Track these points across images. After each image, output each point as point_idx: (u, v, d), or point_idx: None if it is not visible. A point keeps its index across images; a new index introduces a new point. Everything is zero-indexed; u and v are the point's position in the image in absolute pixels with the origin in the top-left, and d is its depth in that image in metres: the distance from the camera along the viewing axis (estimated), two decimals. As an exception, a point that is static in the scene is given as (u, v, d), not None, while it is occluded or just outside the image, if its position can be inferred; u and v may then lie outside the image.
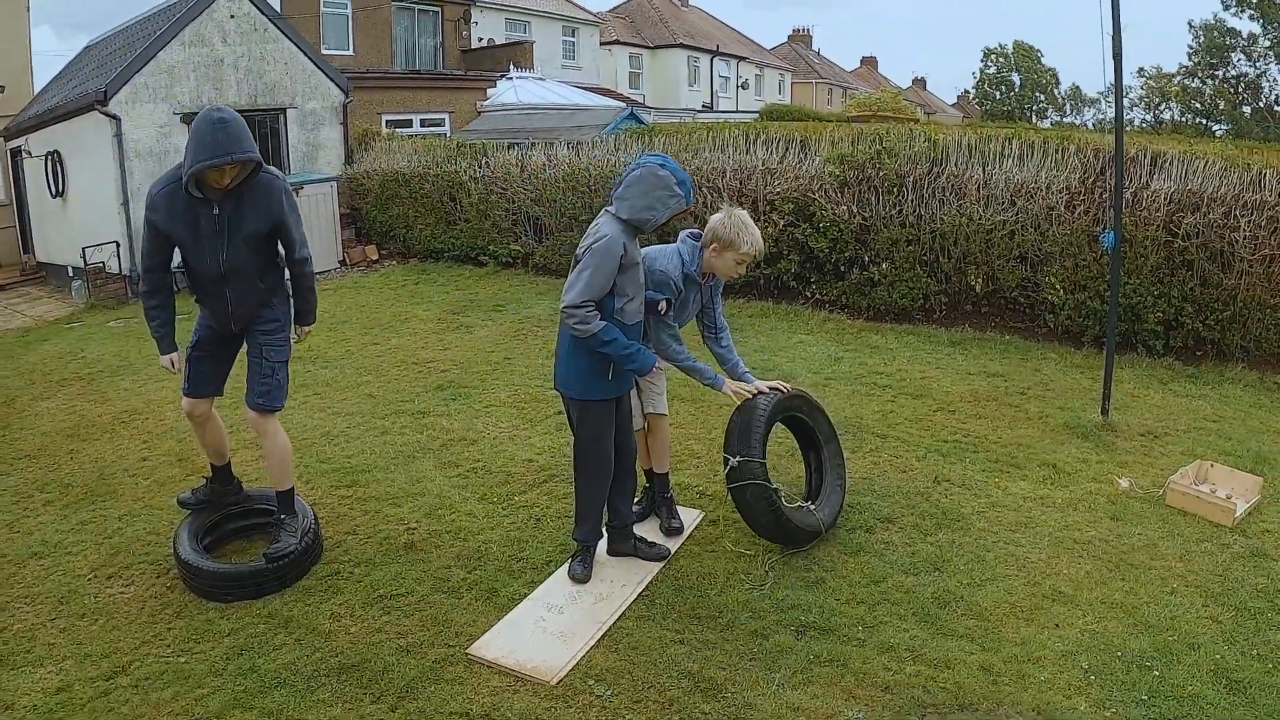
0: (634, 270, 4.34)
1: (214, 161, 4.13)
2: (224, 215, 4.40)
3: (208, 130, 4.15)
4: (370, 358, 9.12)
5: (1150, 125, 49.31)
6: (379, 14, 24.45)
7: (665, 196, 4.24)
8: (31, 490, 6.22)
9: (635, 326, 4.45)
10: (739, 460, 4.69)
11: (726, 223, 4.62)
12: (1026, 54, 70.16)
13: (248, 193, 4.42)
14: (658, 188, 4.24)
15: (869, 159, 9.88)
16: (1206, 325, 8.04)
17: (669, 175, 4.25)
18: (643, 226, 4.29)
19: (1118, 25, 6.00)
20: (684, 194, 4.29)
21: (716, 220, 4.66)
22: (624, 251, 4.23)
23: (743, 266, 4.77)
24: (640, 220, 4.27)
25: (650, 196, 4.24)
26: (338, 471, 6.22)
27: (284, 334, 4.88)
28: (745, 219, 4.65)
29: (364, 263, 15.38)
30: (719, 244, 4.65)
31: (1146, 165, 8.39)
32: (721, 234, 4.63)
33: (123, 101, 13.95)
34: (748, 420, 4.79)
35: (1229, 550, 4.87)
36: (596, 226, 4.34)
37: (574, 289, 4.22)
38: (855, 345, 9.03)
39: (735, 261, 4.70)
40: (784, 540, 4.82)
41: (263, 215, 4.51)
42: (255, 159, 4.28)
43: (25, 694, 3.90)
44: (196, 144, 4.16)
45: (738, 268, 4.75)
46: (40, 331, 12.23)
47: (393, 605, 4.50)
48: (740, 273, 4.84)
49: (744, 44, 47.45)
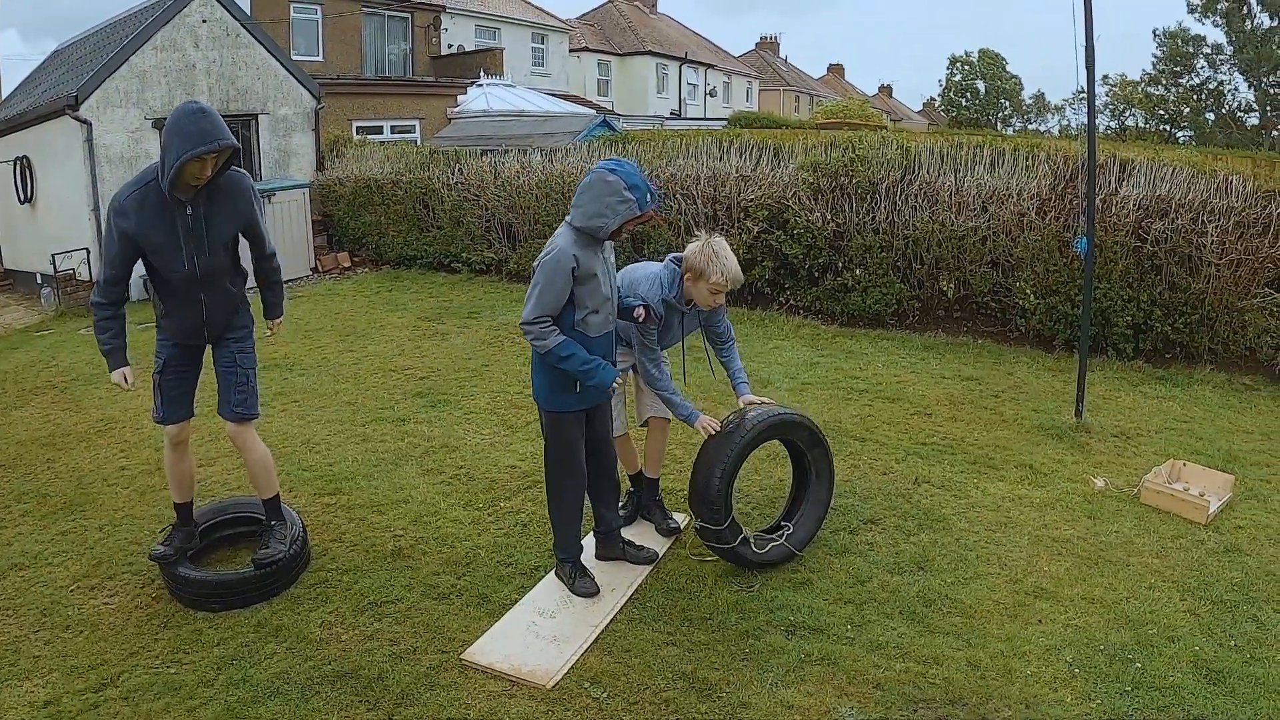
0: (592, 282, 4.24)
1: (204, 149, 4.03)
2: (198, 216, 4.30)
3: (190, 120, 4.07)
4: (347, 365, 9.10)
5: (1115, 131, 49.92)
6: (349, 20, 24.39)
7: (615, 203, 4.15)
8: (8, 500, 6.15)
9: (602, 339, 4.39)
10: (699, 525, 4.67)
11: (699, 252, 4.60)
12: (992, 61, 70.85)
13: (217, 191, 4.35)
14: (607, 194, 4.16)
15: (842, 166, 9.97)
16: (1175, 328, 8.19)
17: (618, 180, 4.16)
18: (596, 234, 4.21)
19: (1090, 35, 6.12)
20: (636, 199, 4.16)
21: (691, 250, 4.65)
22: (575, 264, 4.15)
23: (719, 295, 4.71)
24: (593, 228, 4.19)
25: (600, 203, 4.17)
26: (320, 479, 6.21)
27: (253, 340, 4.82)
28: (719, 248, 4.61)
29: (336, 270, 15.32)
30: (692, 273, 4.65)
31: (1116, 172, 8.54)
32: (694, 263, 4.62)
33: (94, 106, 13.83)
34: (706, 478, 4.59)
35: (1204, 546, 4.98)
36: (552, 238, 4.30)
37: (528, 304, 4.21)
38: (830, 350, 9.12)
39: (709, 291, 4.65)
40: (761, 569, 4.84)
41: (234, 214, 4.46)
42: (237, 146, 4.24)
43: (12, 708, 3.87)
44: (181, 136, 4.04)
45: (713, 297, 4.69)
46: (10, 339, 12.08)
47: (383, 612, 4.50)
48: (718, 302, 4.76)
49: (712, 51, 47.64)
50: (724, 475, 4.54)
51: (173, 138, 4.07)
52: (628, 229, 4.29)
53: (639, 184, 4.19)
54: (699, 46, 46.16)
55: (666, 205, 11.09)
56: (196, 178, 4.20)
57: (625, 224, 4.21)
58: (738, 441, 4.59)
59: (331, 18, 23.88)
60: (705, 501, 4.56)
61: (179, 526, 4.87)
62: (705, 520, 4.59)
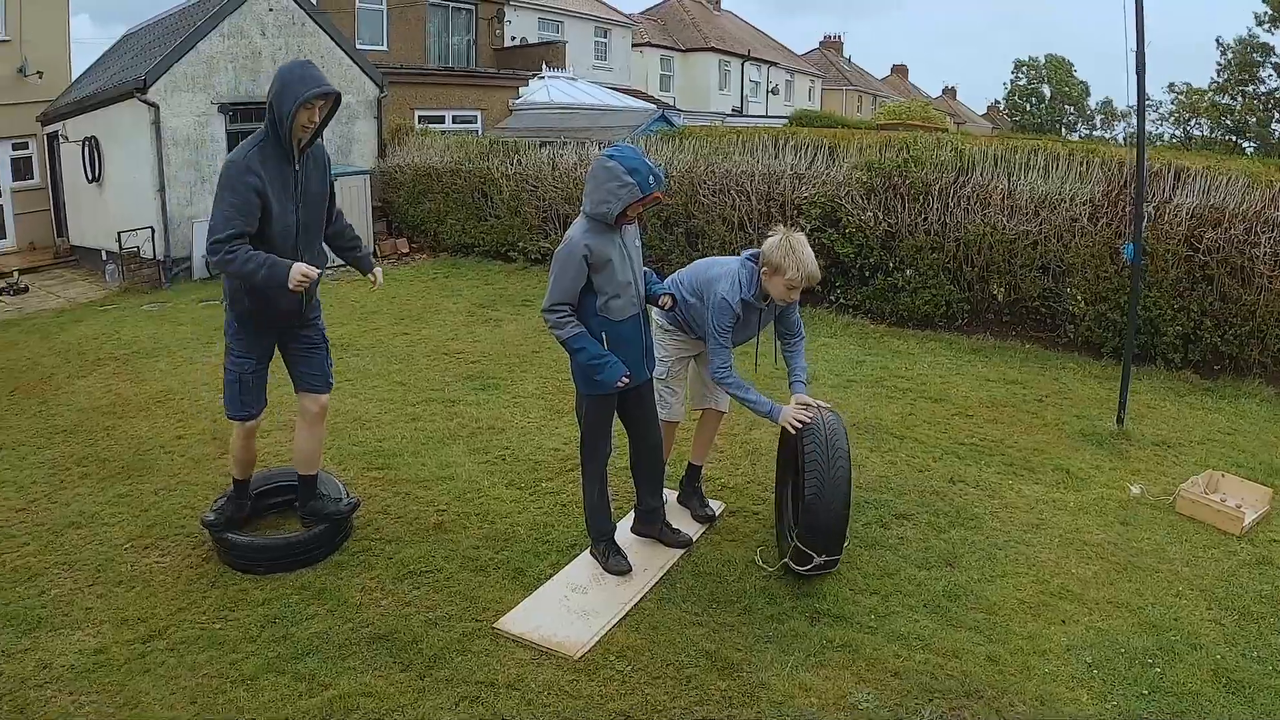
0: (608, 268, 4.34)
1: (315, 91, 4.27)
2: (303, 173, 4.51)
3: (300, 68, 4.34)
4: (401, 347, 9.31)
5: (1180, 141, 49.06)
6: (413, 11, 24.67)
7: (615, 187, 4.22)
8: (69, 464, 6.44)
9: (628, 323, 4.48)
10: (826, 559, 4.46)
11: (777, 247, 4.61)
12: (1058, 66, 69.92)
13: (308, 157, 4.56)
14: (607, 180, 4.24)
15: (896, 167, 10.00)
16: (1225, 340, 8.11)
17: (616, 166, 4.23)
18: (604, 219, 4.30)
19: (1141, 42, 6.11)
20: (637, 182, 4.21)
21: (769, 245, 4.65)
22: (587, 251, 4.27)
23: (795, 291, 4.70)
24: (600, 214, 4.29)
25: (602, 190, 4.26)
26: (369, 454, 6.40)
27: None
28: (797, 244, 4.61)
29: (395, 255, 15.59)
30: (769, 268, 4.65)
31: (1170, 180, 8.47)
32: (772, 258, 4.62)
33: (161, 90, 14.22)
34: (835, 515, 4.37)
35: (1235, 557, 4.97)
36: (569, 228, 4.45)
37: (547, 293, 4.38)
38: (878, 349, 9.16)
39: (785, 286, 4.65)
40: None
41: (323, 178, 4.69)
42: (339, 93, 4.51)
43: (62, 654, 4.09)
44: (296, 81, 4.27)
45: (789, 292, 4.70)
46: (74, 313, 12.49)
47: (422, 581, 4.67)
48: (793, 297, 4.77)
49: (775, 49, 47.51)
50: (849, 505, 4.48)
51: (284, 88, 4.27)
52: (633, 211, 4.33)
53: (638, 167, 4.25)
54: (762, 44, 46.06)
55: (721, 201, 11.17)
56: (305, 127, 4.41)
57: (629, 207, 4.27)
58: (845, 469, 4.44)
59: (396, 8, 24.19)
60: (835, 537, 4.43)
61: (235, 498, 5.07)
62: (834, 554, 4.47)
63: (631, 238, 4.55)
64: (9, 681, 3.89)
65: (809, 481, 4.34)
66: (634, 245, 4.57)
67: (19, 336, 10.96)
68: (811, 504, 4.33)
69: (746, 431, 6.74)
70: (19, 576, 4.80)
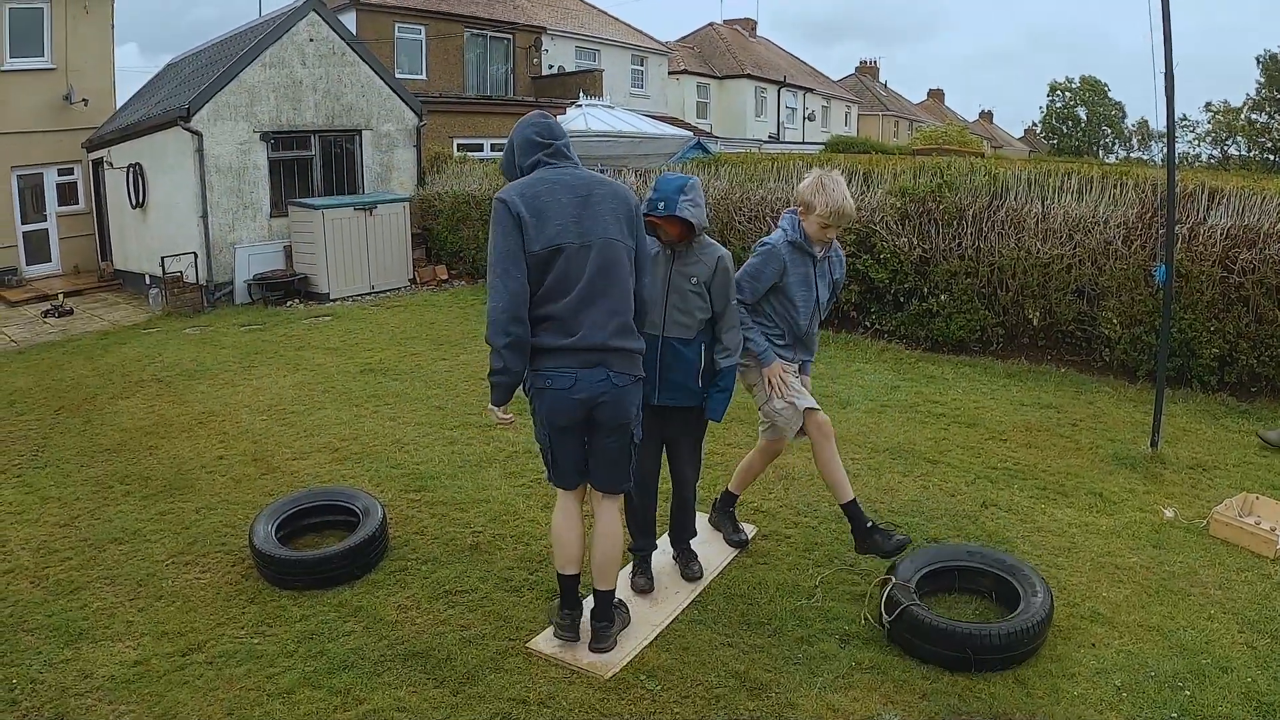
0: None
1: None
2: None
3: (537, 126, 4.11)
4: (439, 372, 9.44)
5: (1218, 161, 48.53)
6: (452, 41, 25.06)
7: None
8: (112, 481, 6.62)
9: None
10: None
11: (809, 185, 4.57)
12: (1093, 88, 69.55)
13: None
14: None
15: (929, 192, 10.03)
16: (1261, 361, 8.05)
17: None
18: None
19: (1169, 61, 6.12)
20: (647, 201, 4.35)
21: (802, 184, 4.62)
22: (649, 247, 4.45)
23: (829, 230, 4.58)
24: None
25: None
26: (407, 477, 6.51)
27: None
28: (829, 181, 4.52)
29: (434, 282, 15.79)
30: (803, 208, 4.60)
31: (1204, 200, 8.45)
32: (804, 197, 4.58)
33: (205, 118, 14.54)
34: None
35: (1269, 580, 4.93)
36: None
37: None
38: (912, 375, 9.17)
39: (818, 225, 4.56)
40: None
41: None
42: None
43: (103, 665, 4.21)
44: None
45: (823, 231, 4.59)
46: (118, 335, 12.76)
47: (457, 600, 4.74)
48: (827, 236, 4.63)
49: (811, 75, 47.69)
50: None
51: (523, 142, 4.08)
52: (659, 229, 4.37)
53: (655, 192, 4.34)
54: (798, 70, 46.26)
55: (756, 228, 11.24)
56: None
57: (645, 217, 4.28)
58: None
59: (435, 38, 24.58)
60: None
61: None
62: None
63: (684, 268, 4.47)
64: (51, 690, 4.01)
65: None
66: (682, 276, 4.48)
67: (64, 358, 11.22)
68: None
69: (780, 456, 6.76)
70: (62, 589, 4.95)
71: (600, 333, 3.86)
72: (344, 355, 10.40)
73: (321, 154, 16.19)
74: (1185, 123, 51.37)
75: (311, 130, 15.99)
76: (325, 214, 14.58)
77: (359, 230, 14.95)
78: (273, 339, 11.46)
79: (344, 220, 14.78)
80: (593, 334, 3.86)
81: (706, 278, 4.46)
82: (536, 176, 3.94)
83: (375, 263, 15.23)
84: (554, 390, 3.94)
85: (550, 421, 4.05)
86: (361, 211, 15.05)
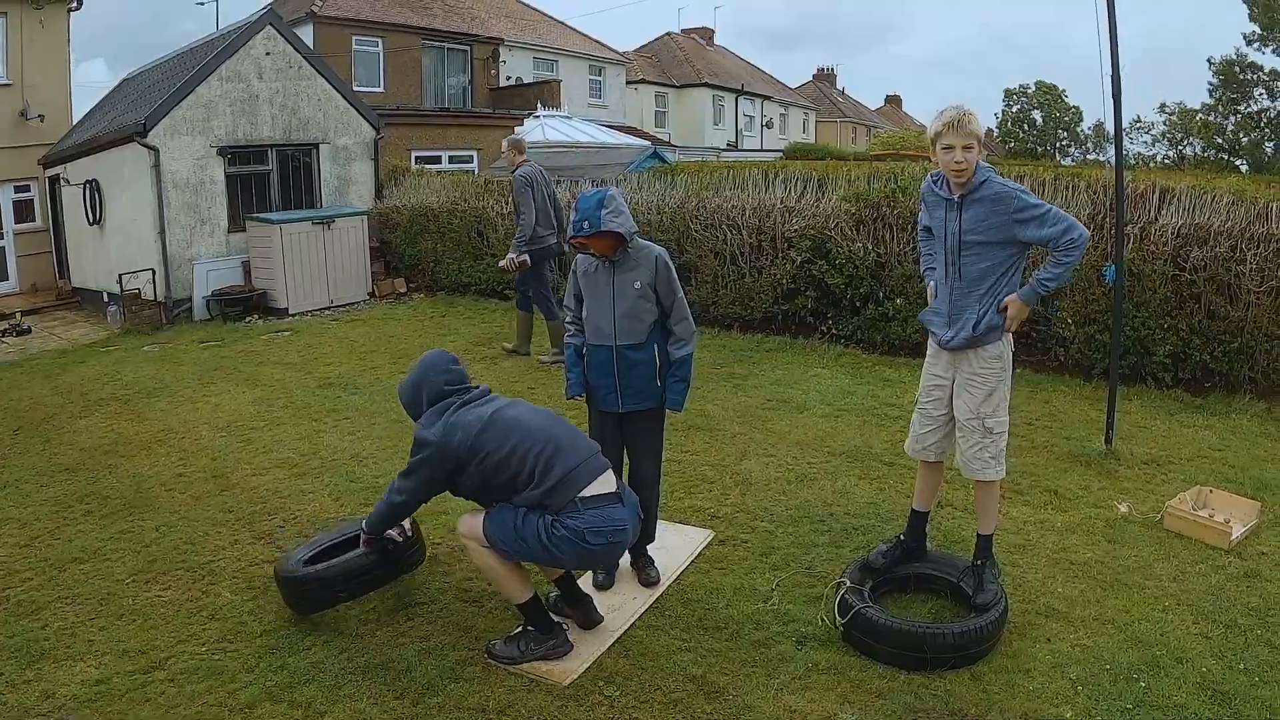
0: (590, 295, 4.94)
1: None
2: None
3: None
4: (398, 385, 9.36)
5: (1173, 161, 49.26)
6: (410, 53, 25.02)
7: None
8: (71, 501, 6.54)
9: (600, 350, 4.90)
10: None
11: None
12: (1048, 92, 70.34)
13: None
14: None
15: (884, 197, 10.12)
16: (1214, 357, 8.18)
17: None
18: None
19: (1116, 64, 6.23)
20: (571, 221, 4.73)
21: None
22: (576, 267, 4.97)
23: (951, 152, 4.15)
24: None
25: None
26: (366, 490, 6.47)
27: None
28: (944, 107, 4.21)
29: (393, 295, 15.72)
30: (930, 149, 4.31)
31: (1155, 200, 8.58)
32: (928, 131, 4.36)
33: (161, 134, 14.39)
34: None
35: (1223, 571, 5.02)
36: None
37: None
38: (869, 378, 9.23)
39: (941, 149, 4.19)
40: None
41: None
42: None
43: (65, 684, 4.18)
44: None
45: (945, 154, 4.18)
46: (77, 354, 12.59)
47: (416, 612, 4.74)
48: (953, 159, 4.15)
49: (768, 83, 47.95)
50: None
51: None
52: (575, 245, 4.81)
53: (576, 214, 4.65)
54: (755, 78, 46.50)
55: (712, 236, 11.27)
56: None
57: (573, 239, 4.76)
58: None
59: (393, 50, 24.53)
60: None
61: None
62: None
63: (625, 275, 4.73)
64: (13, 711, 3.97)
65: None
66: (625, 283, 4.74)
67: (22, 377, 11.07)
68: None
69: (736, 462, 6.81)
70: (23, 610, 4.90)
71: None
72: (303, 370, 10.33)
73: (279, 168, 16.07)
74: (1140, 124, 52.08)
75: (269, 144, 15.87)
76: (283, 228, 14.47)
77: (317, 244, 14.86)
78: (232, 355, 11.36)
79: (302, 234, 14.68)
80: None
81: (650, 279, 4.71)
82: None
83: (334, 277, 15.13)
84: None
85: None
86: (319, 225, 14.96)
